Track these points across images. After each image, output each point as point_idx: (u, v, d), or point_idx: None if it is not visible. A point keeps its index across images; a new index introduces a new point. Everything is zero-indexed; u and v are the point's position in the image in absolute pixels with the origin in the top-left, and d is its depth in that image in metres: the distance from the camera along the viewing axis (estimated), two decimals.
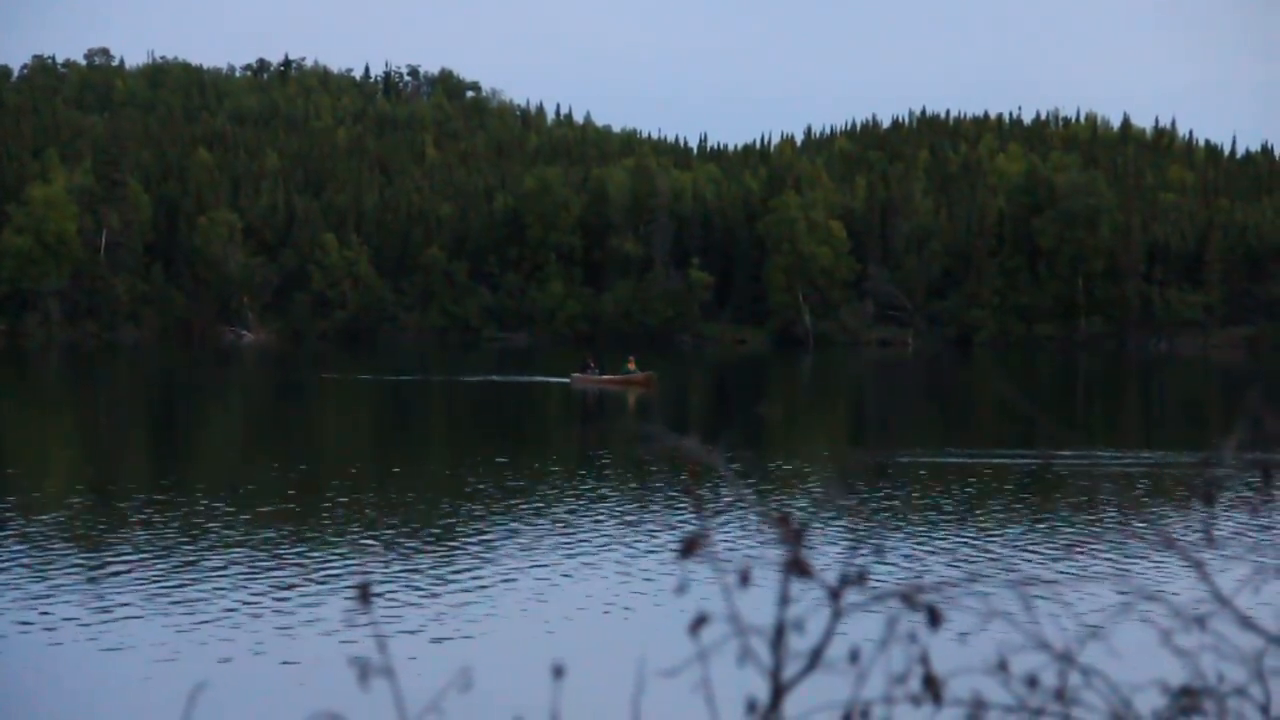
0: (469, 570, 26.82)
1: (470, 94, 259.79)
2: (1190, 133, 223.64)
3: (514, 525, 32.20)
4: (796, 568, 3.83)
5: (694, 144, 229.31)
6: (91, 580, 25.16)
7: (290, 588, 24.80)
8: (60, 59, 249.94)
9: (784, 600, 3.81)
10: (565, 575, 26.45)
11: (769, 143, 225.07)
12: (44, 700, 18.74)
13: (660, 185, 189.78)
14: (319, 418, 69.66)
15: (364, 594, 4.11)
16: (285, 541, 29.40)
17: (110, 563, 26.75)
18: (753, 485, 38.73)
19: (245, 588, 24.76)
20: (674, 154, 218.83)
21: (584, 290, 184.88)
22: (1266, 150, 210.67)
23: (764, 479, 40.79)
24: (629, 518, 33.37)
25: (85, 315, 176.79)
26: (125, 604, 23.33)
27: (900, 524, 32.76)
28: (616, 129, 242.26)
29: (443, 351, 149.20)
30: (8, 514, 32.24)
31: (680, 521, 32.73)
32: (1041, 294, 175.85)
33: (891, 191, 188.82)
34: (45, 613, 22.68)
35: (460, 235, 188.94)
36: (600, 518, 33.41)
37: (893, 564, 27.58)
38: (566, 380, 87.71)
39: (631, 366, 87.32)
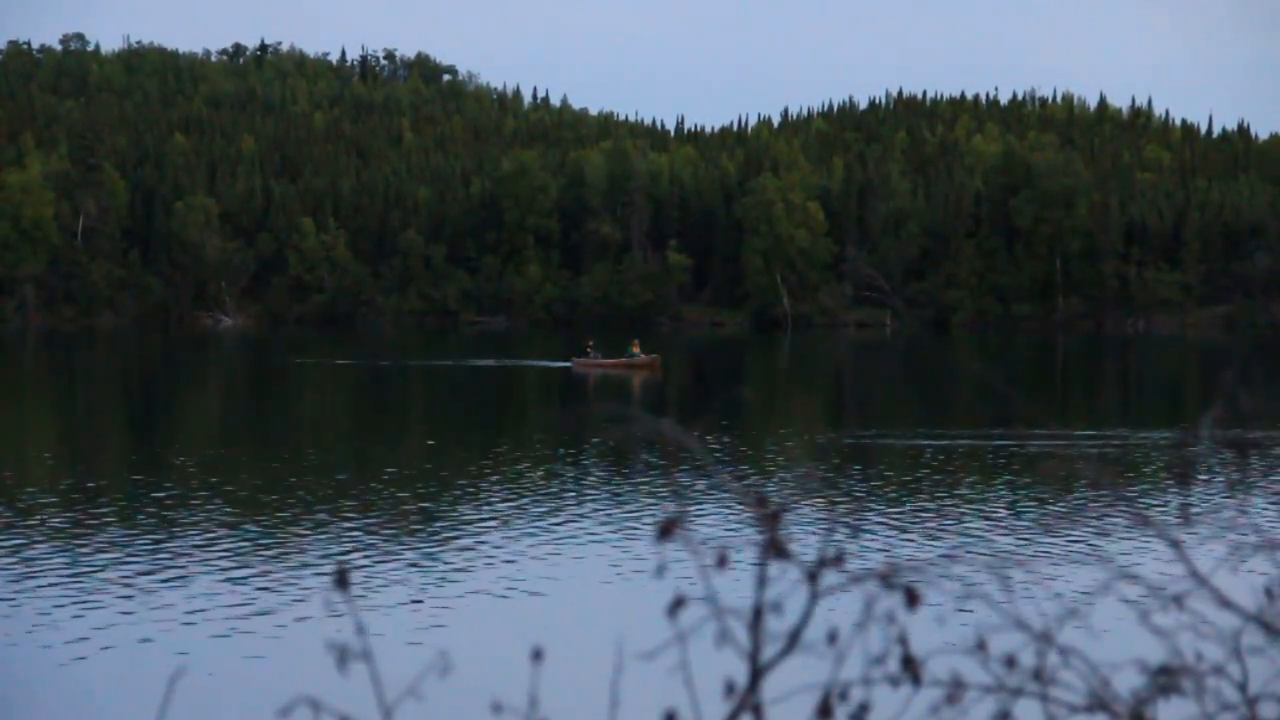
0: (447, 554, 26.82)
1: (447, 77, 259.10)
2: (1166, 112, 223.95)
3: (493, 508, 32.21)
4: (774, 549, 3.83)
5: (671, 126, 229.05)
6: (68, 567, 25.11)
7: (268, 573, 24.79)
8: (35, 44, 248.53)
9: (762, 582, 3.81)
10: (543, 558, 26.47)
11: (746, 125, 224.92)
12: (22, 687, 18.71)
13: (637, 168, 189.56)
14: (301, 403, 69.56)
15: (342, 578, 4.10)
16: (264, 526, 29.38)
17: (87, 549, 26.71)
18: (731, 467, 38.76)
19: (223, 573, 24.74)
20: (651, 136, 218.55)
21: (562, 273, 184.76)
22: (1243, 129, 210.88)
23: (742, 461, 40.83)
24: (607, 500, 33.39)
25: (62, 301, 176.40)
26: (103, 590, 23.29)
27: (877, 505, 32.80)
28: (593, 112, 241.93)
29: (421, 336, 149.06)
30: None
31: (658, 504, 32.75)
32: (1019, 274, 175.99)
33: (869, 173, 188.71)
34: (23, 599, 22.64)
35: (438, 219, 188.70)
36: (578, 500, 33.43)
37: (870, 545, 27.61)
38: (567, 364, 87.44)
39: (636, 350, 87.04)
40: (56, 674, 19.03)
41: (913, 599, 3.89)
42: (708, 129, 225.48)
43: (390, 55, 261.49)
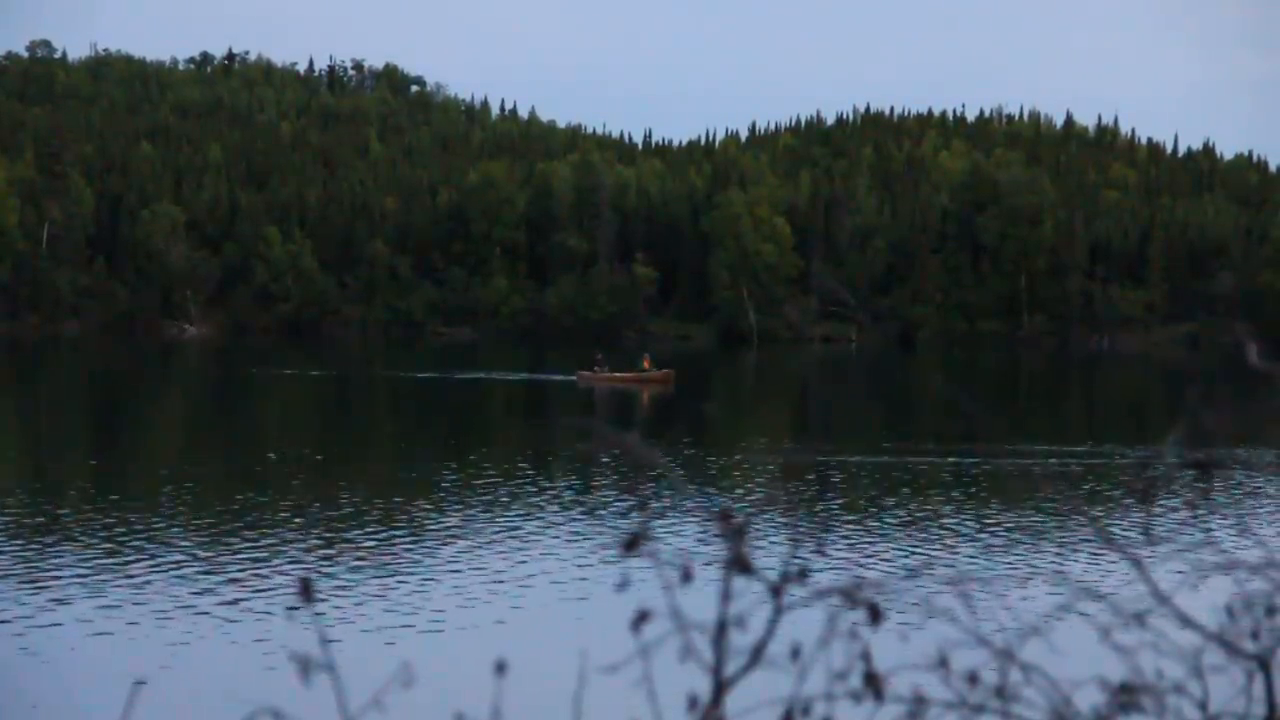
0: (411, 566, 26.77)
1: (415, 88, 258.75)
2: (1133, 131, 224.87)
3: (458, 520, 32.16)
4: (738, 564, 3.84)
5: (639, 139, 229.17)
6: (30, 577, 25.00)
7: (231, 583, 24.71)
8: (2, 51, 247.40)
9: (725, 597, 3.81)
10: (507, 571, 26.44)
11: (713, 139, 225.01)
12: None
13: (604, 181, 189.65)
14: (277, 414, 69.35)
15: (306, 589, 4.09)
16: (227, 537, 29.29)
17: (48, 559, 26.59)
18: (695, 482, 38.76)
19: (186, 584, 24.65)
20: (618, 149, 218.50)
21: (528, 285, 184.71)
22: (1208, 148, 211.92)
23: (707, 476, 40.82)
24: (572, 513, 33.36)
25: (27, 309, 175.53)
26: (63, 601, 23.19)
27: (841, 521, 32.83)
28: (561, 124, 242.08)
29: (389, 346, 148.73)
30: None
31: (623, 517, 32.73)
32: (984, 291, 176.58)
33: (835, 188, 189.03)
34: None
35: (404, 229, 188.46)
36: (543, 513, 33.39)
37: (834, 561, 27.63)
38: (573, 378, 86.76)
39: (646, 365, 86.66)
40: (15, 682, 18.94)
41: (876, 615, 3.90)
42: (675, 142, 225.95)
43: (358, 65, 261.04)
